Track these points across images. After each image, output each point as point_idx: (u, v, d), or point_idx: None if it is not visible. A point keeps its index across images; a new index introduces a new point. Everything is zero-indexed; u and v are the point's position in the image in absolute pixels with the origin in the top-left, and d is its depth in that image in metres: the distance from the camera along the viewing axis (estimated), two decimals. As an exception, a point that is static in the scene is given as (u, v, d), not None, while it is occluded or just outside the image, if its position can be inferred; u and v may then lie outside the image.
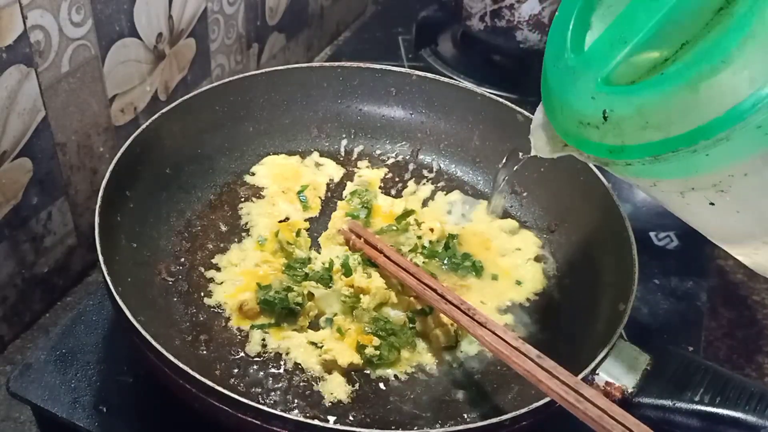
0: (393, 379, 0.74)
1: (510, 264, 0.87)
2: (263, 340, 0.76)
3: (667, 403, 0.67)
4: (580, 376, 0.64)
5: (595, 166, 0.84)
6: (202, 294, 0.80)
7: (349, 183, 0.95)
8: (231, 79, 0.93)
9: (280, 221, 0.88)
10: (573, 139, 0.56)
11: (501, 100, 0.96)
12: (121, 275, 0.72)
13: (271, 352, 0.75)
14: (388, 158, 1.00)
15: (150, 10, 0.94)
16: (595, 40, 0.55)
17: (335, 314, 0.79)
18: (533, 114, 0.93)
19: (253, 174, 0.94)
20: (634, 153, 0.50)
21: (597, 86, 0.52)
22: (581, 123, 0.54)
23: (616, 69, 0.51)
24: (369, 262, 0.83)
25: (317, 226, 0.90)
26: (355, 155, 0.99)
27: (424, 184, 0.97)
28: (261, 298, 0.77)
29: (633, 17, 0.51)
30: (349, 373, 0.74)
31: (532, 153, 0.67)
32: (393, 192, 0.96)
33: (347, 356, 0.74)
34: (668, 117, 0.48)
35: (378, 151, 1.00)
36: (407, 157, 1.00)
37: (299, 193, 0.92)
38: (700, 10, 0.47)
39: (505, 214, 0.94)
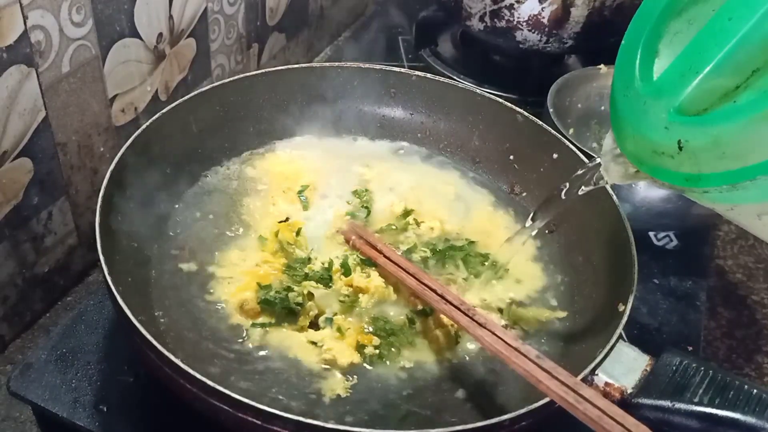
0: (393, 378, 0.74)
1: (510, 263, 0.87)
2: (263, 339, 0.76)
3: (667, 403, 0.68)
4: (580, 376, 0.65)
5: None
6: (203, 293, 0.80)
7: (349, 183, 0.95)
8: (231, 79, 0.94)
9: (280, 221, 0.88)
10: (647, 167, 0.56)
11: (501, 100, 0.97)
12: (122, 275, 0.72)
13: (271, 352, 0.75)
14: (388, 158, 1.00)
15: (150, 10, 0.94)
16: (665, 70, 0.55)
17: (335, 314, 0.79)
18: (533, 114, 0.94)
19: (254, 173, 0.94)
20: (711, 181, 0.51)
21: (670, 116, 0.52)
22: (655, 152, 0.54)
23: (688, 98, 0.51)
24: (368, 262, 0.83)
25: (317, 226, 0.90)
26: (355, 155, 0.99)
27: (423, 184, 0.97)
28: (261, 298, 0.78)
29: (702, 47, 0.52)
30: (349, 372, 0.74)
31: (604, 181, 0.66)
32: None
33: (347, 356, 0.75)
34: (745, 146, 0.48)
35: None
36: (407, 157, 1.00)
37: (299, 193, 0.92)
38: None
39: (505, 214, 0.94)
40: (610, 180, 0.65)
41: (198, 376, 0.61)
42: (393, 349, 0.76)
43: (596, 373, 0.68)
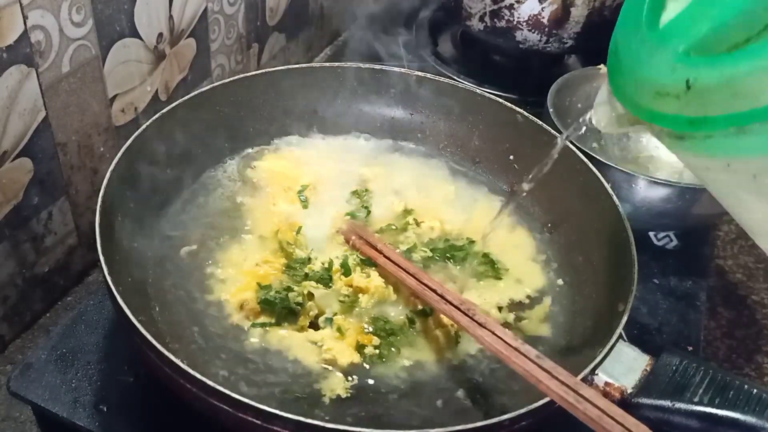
0: (393, 377, 0.74)
1: (509, 262, 0.87)
2: (263, 339, 0.76)
3: (667, 403, 0.68)
4: (580, 376, 0.65)
5: (591, 161, 0.84)
6: (203, 293, 0.80)
7: (349, 183, 0.95)
8: (231, 79, 0.94)
9: (281, 221, 0.88)
10: (646, 113, 0.54)
11: (501, 100, 0.97)
12: (122, 275, 0.72)
13: (271, 352, 0.75)
14: (388, 158, 1.00)
15: (150, 10, 0.94)
16: (675, 15, 0.53)
17: (335, 314, 0.79)
18: (533, 114, 0.94)
19: (254, 173, 0.94)
20: (717, 124, 0.48)
21: (678, 57, 0.50)
22: (659, 93, 0.52)
23: (697, 44, 0.50)
24: (368, 262, 0.83)
25: (317, 226, 0.90)
26: (355, 155, 0.99)
27: (423, 183, 0.97)
28: (261, 298, 0.78)
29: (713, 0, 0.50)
30: (349, 372, 0.74)
31: (593, 124, 0.64)
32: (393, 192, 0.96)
33: (347, 355, 0.75)
34: (759, 85, 0.46)
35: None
36: (407, 157, 1.00)
37: (299, 192, 0.92)
38: None
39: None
40: (603, 129, 0.63)
41: (198, 376, 0.61)
42: (393, 349, 0.76)
43: (596, 373, 0.68)
